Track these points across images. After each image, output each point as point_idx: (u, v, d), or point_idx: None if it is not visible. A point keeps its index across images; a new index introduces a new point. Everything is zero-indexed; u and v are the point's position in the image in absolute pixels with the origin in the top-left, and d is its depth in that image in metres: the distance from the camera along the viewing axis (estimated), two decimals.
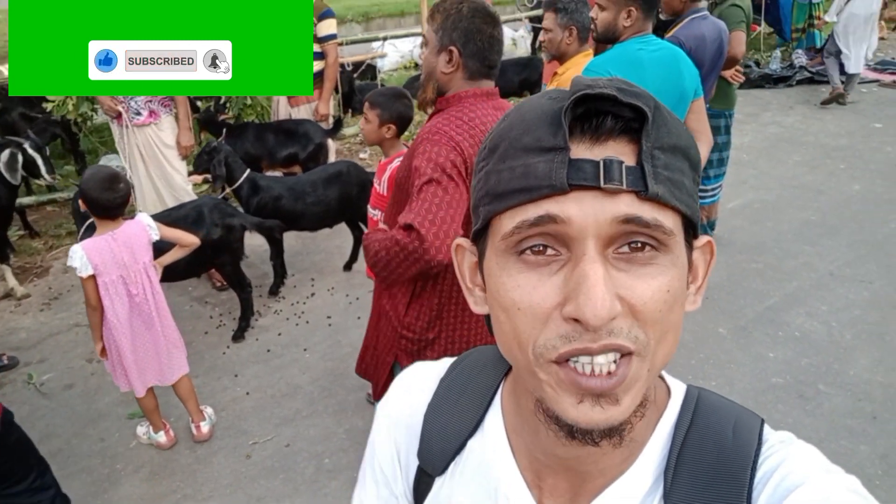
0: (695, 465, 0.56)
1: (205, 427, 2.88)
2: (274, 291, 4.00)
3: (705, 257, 0.58)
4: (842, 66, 7.11)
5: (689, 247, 0.54)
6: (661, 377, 0.63)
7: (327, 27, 4.30)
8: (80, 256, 2.17)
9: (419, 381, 0.73)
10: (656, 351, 0.50)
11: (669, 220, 0.49)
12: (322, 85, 4.43)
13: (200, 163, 3.67)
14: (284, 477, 2.68)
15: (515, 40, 9.46)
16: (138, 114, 3.79)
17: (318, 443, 2.85)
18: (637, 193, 0.48)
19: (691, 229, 0.53)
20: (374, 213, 2.52)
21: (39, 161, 3.86)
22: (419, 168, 1.65)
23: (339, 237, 4.52)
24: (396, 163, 2.22)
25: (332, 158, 4.56)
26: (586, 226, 0.48)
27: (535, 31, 9.02)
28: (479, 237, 0.57)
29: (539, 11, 8.62)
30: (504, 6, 13.93)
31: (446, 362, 0.74)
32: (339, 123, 4.71)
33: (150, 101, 3.79)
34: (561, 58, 2.93)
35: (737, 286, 3.99)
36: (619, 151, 0.48)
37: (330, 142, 4.54)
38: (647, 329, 0.49)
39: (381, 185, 2.42)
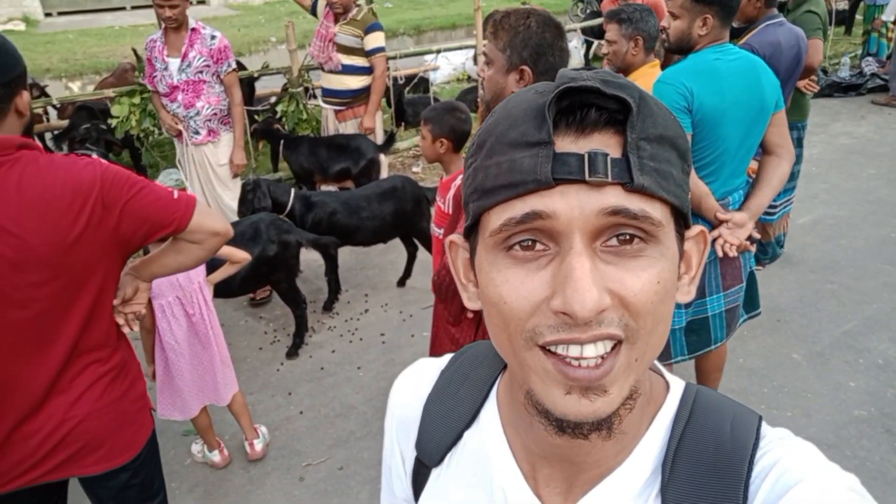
0: (692, 460, 0.55)
1: (258, 445, 2.85)
2: (328, 307, 3.97)
3: (699, 247, 0.58)
4: None
5: (680, 237, 0.54)
6: (660, 373, 0.63)
7: (374, 40, 4.27)
8: None
9: (422, 375, 0.74)
10: (647, 341, 0.50)
11: (657, 211, 0.49)
12: (369, 98, 4.41)
13: (245, 206, 3.63)
14: (338, 502, 2.61)
15: (570, 52, 9.31)
16: (197, 133, 3.84)
17: (373, 466, 2.77)
18: (623, 185, 0.48)
19: (681, 219, 0.53)
20: (438, 232, 2.44)
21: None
22: None
23: (393, 252, 4.47)
24: (460, 180, 2.14)
25: (384, 174, 4.52)
26: (572, 219, 0.47)
27: (588, 44, 8.86)
28: (470, 233, 0.57)
29: (592, 22, 8.49)
30: (557, 17, 13.81)
31: (449, 356, 0.74)
32: (391, 138, 4.67)
33: (210, 121, 3.84)
34: (626, 70, 2.81)
35: (811, 308, 3.76)
36: (605, 143, 0.48)
37: (382, 157, 4.51)
38: (637, 319, 0.49)
39: (445, 204, 2.34)
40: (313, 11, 4.54)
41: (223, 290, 3.05)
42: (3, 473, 1.49)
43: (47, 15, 14.75)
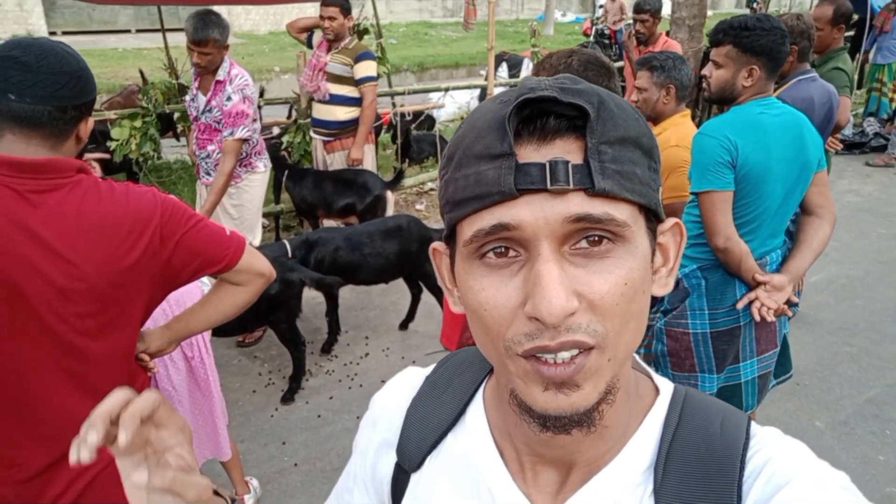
0: (685, 460, 0.56)
1: (249, 501, 2.63)
2: (326, 349, 3.78)
3: (675, 238, 0.59)
4: None
5: (652, 233, 0.55)
6: (648, 374, 0.63)
7: (364, 69, 4.18)
8: None
9: (407, 381, 0.74)
10: (617, 341, 0.51)
11: (623, 213, 0.50)
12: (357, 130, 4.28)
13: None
14: None
15: (618, 91, 9.36)
16: (208, 174, 3.64)
17: None
18: (585, 191, 0.49)
19: (652, 215, 0.54)
20: None
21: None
22: None
23: (395, 293, 4.30)
24: None
25: (390, 211, 4.39)
26: (538, 228, 0.49)
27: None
28: (449, 242, 0.58)
29: (618, 64, 8.52)
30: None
31: (433, 364, 0.75)
32: (399, 175, 4.56)
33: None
34: (656, 118, 2.71)
35: (830, 372, 3.61)
36: (566, 150, 0.49)
37: (389, 194, 4.38)
38: (605, 322, 0.50)
39: None
40: (309, 44, 4.49)
41: (220, 330, 2.87)
42: None
43: (52, 34, 14.73)
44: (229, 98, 3.40)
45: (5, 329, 1.22)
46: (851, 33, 7.73)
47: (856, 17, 7.06)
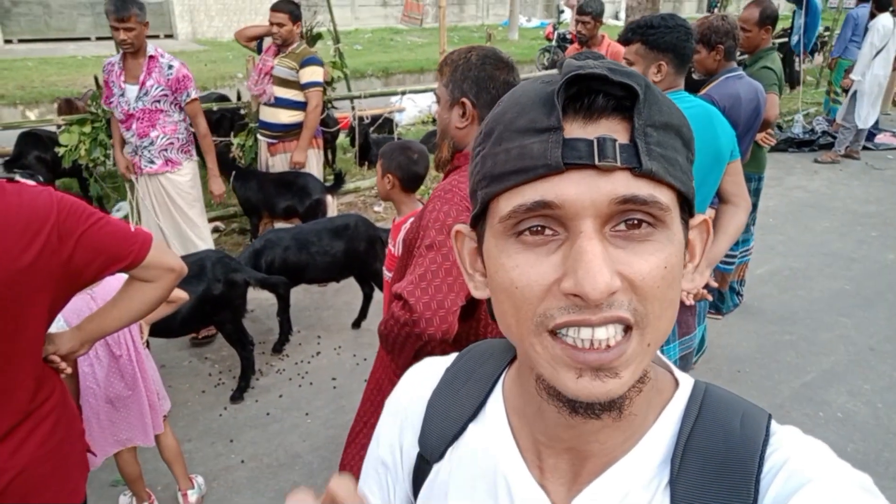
0: (702, 454, 0.55)
1: (192, 497, 2.64)
2: (278, 349, 3.80)
3: (702, 236, 0.59)
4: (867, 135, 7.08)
5: (685, 224, 0.54)
6: (668, 368, 0.63)
7: (310, 74, 4.23)
8: (57, 319, 2.00)
9: (427, 372, 0.74)
10: (656, 325, 0.50)
11: (665, 197, 0.50)
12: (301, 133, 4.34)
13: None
14: None
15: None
16: (151, 162, 3.71)
17: None
18: (631, 170, 0.48)
19: (687, 206, 0.54)
20: (388, 276, 2.34)
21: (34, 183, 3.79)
22: (426, 228, 1.50)
23: (349, 293, 4.33)
24: (410, 223, 2.05)
25: (331, 215, 4.42)
26: (583, 207, 0.48)
27: None
28: (478, 222, 0.57)
29: (552, 72, 8.65)
30: (522, 65, 14.11)
31: (454, 354, 0.74)
32: (339, 178, 4.59)
33: (165, 150, 3.72)
34: None
35: (769, 359, 3.74)
36: (613, 130, 0.49)
37: (329, 198, 4.43)
38: (646, 303, 0.49)
39: (395, 246, 2.24)
40: (259, 50, 4.56)
41: (163, 330, 2.88)
42: None
43: (7, 42, 14.47)
44: (170, 66, 3.57)
45: None
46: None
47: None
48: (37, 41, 14.74)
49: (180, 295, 2.25)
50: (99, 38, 14.66)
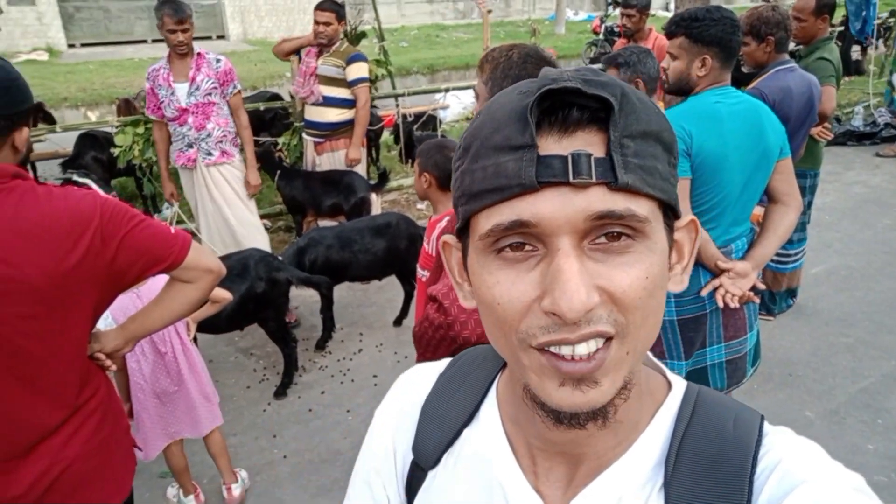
0: (696, 456, 0.55)
1: (236, 490, 2.71)
2: (321, 346, 3.86)
3: (690, 235, 0.59)
4: None
5: (669, 228, 0.54)
6: (661, 371, 0.63)
7: (357, 70, 4.27)
8: (105, 317, 2.08)
9: (418, 379, 0.74)
10: (637, 335, 0.50)
11: (643, 208, 0.49)
12: (348, 132, 4.40)
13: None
14: None
15: None
16: (209, 154, 3.86)
17: None
18: (608, 185, 0.48)
19: (670, 211, 0.54)
20: (422, 274, 2.34)
21: (90, 182, 3.98)
22: None
23: (392, 290, 4.36)
24: (446, 221, 2.04)
25: (375, 213, 4.45)
26: (559, 225, 0.48)
27: None
28: (462, 235, 0.57)
29: (598, 66, 8.51)
30: (568, 60, 13.93)
31: (446, 360, 0.74)
32: (383, 177, 4.62)
33: (221, 142, 3.86)
34: None
35: (824, 363, 3.59)
36: (588, 142, 0.48)
37: (374, 196, 4.46)
38: (627, 314, 0.49)
39: (429, 245, 2.24)
40: (297, 54, 4.61)
41: (209, 327, 2.95)
42: None
43: (70, 46, 15.10)
44: (218, 60, 3.77)
45: None
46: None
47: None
48: (97, 45, 15.34)
49: (224, 295, 2.31)
50: (154, 41, 15.14)
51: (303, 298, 4.31)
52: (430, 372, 0.74)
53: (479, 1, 6.19)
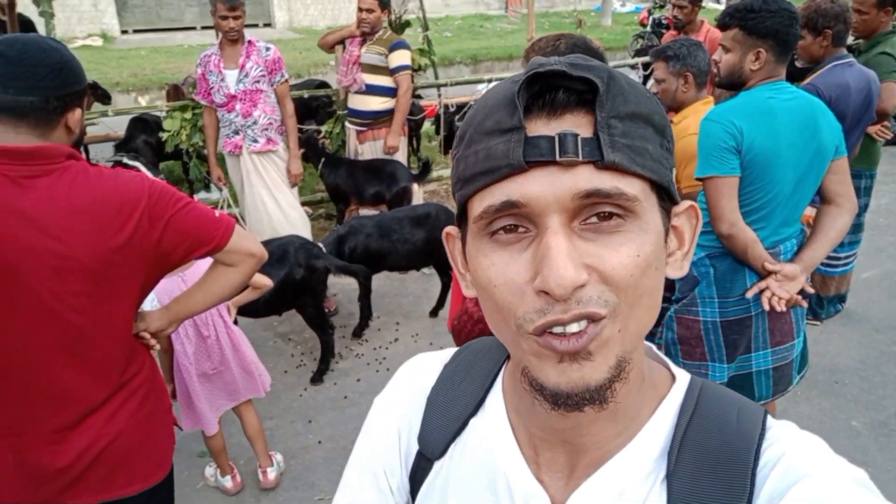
0: (699, 448, 0.56)
1: (271, 473, 2.76)
2: (357, 334, 3.89)
3: (691, 222, 0.59)
4: None
5: (665, 212, 0.54)
6: (665, 364, 0.63)
7: (399, 58, 4.26)
8: (151, 299, 2.13)
9: (423, 368, 0.74)
10: (629, 313, 0.51)
11: (633, 187, 0.50)
12: (390, 121, 4.39)
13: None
14: None
15: None
16: (255, 141, 3.92)
17: None
18: (594, 163, 0.49)
19: (664, 193, 0.54)
20: None
21: (139, 165, 4.08)
22: None
23: (429, 281, 4.37)
24: None
25: (417, 202, 4.45)
26: (548, 203, 0.49)
27: (645, 78, 8.70)
28: (461, 223, 0.58)
29: (647, 59, 8.34)
30: (614, 52, 13.67)
31: (450, 350, 0.75)
32: (426, 167, 4.61)
33: (267, 129, 3.92)
34: (678, 107, 2.67)
35: (873, 371, 3.46)
36: (577, 124, 0.49)
37: (416, 186, 4.46)
38: (619, 293, 0.50)
39: None
40: (342, 44, 4.62)
41: (248, 311, 3.01)
42: (38, 495, 1.46)
43: (123, 32, 15.48)
44: (267, 49, 3.83)
45: (7, 307, 1.32)
46: None
47: None
48: (149, 31, 15.69)
49: (264, 282, 2.34)
50: (203, 28, 15.41)
51: (341, 286, 4.35)
52: (434, 361, 0.74)
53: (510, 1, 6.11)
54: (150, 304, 2.17)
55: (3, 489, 1.48)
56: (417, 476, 0.69)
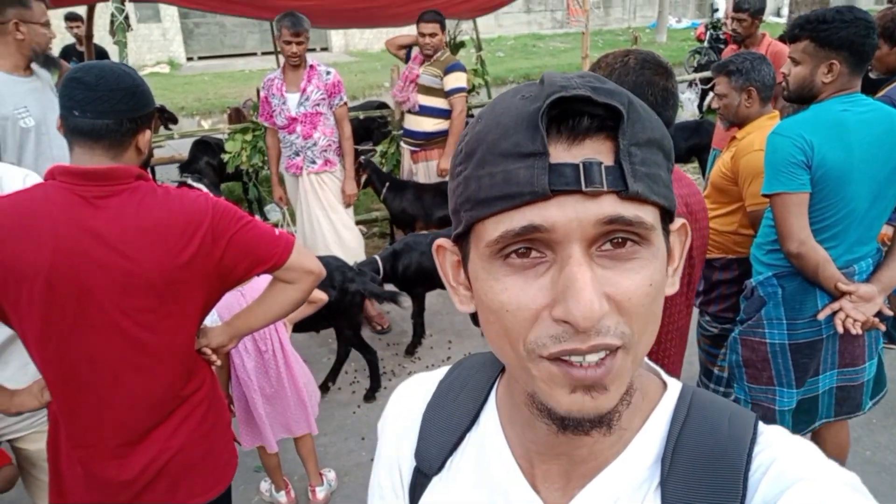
0: (692, 454, 0.56)
1: (320, 493, 2.77)
2: (410, 351, 3.90)
3: (680, 238, 0.60)
4: None
5: (667, 234, 0.55)
6: (656, 372, 0.64)
7: (454, 80, 4.28)
8: (211, 314, 2.18)
9: (418, 388, 0.75)
10: (640, 342, 0.51)
11: (649, 215, 0.50)
12: (444, 142, 4.40)
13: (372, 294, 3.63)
14: None
15: (682, 103, 8.99)
16: (313, 162, 4.01)
17: None
18: (618, 193, 0.48)
19: (668, 217, 0.54)
20: None
21: (202, 186, 4.20)
22: None
23: None
24: None
25: None
26: (571, 231, 0.48)
27: (703, 93, 8.52)
28: (461, 240, 0.57)
29: (705, 74, 8.17)
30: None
31: (444, 368, 0.75)
32: None
33: (325, 151, 4.01)
34: (741, 123, 2.59)
35: None
36: (597, 150, 0.49)
37: None
38: (631, 323, 0.50)
39: None
40: (407, 59, 4.67)
41: (296, 325, 3.04)
42: None
43: (189, 59, 16.21)
44: (328, 72, 3.92)
45: (77, 322, 1.37)
46: None
47: None
48: (212, 58, 16.37)
49: (320, 296, 2.37)
50: (264, 53, 15.96)
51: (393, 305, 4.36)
52: (428, 380, 0.75)
53: (572, 11, 6.09)
54: (211, 318, 2.23)
55: (73, 499, 1.52)
56: (416, 493, 0.69)
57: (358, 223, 5.49)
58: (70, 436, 1.49)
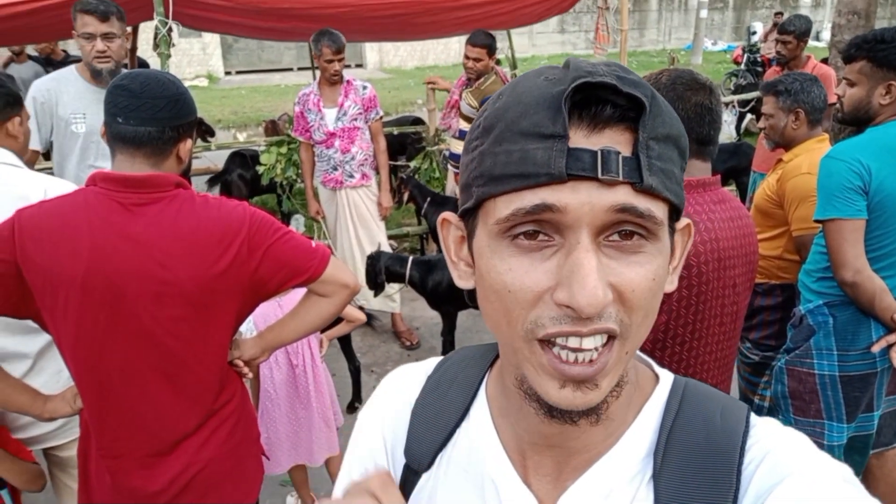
0: (684, 446, 0.56)
1: None
2: None
3: (683, 238, 0.60)
4: None
5: (672, 231, 0.55)
6: (649, 365, 0.64)
7: None
8: (247, 322, 2.17)
9: (406, 380, 0.73)
10: (636, 334, 0.52)
11: (660, 210, 0.50)
12: None
13: (369, 276, 3.71)
14: None
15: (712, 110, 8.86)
16: (351, 176, 4.03)
17: None
18: (632, 185, 0.48)
19: (675, 214, 0.54)
20: None
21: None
22: None
23: None
24: None
25: None
26: (582, 215, 0.48)
27: (741, 116, 8.40)
28: (469, 215, 0.56)
29: (745, 95, 8.05)
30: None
31: (433, 361, 0.74)
32: None
33: (363, 165, 4.04)
34: (787, 144, 2.52)
35: None
36: (616, 140, 0.48)
37: None
38: (631, 314, 0.50)
39: None
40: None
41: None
42: None
43: (227, 73, 16.53)
44: (364, 87, 3.96)
45: (110, 329, 1.36)
46: None
47: None
48: (250, 72, 16.69)
49: (358, 316, 2.34)
50: (300, 69, 16.22)
51: (423, 320, 4.34)
52: (416, 373, 0.73)
53: (600, 38, 6.03)
54: (247, 326, 2.21)
55: None
56: (405, 489, 0.68)
57: (390, 238, 5.51)
58: (100, 444, 1.48)
